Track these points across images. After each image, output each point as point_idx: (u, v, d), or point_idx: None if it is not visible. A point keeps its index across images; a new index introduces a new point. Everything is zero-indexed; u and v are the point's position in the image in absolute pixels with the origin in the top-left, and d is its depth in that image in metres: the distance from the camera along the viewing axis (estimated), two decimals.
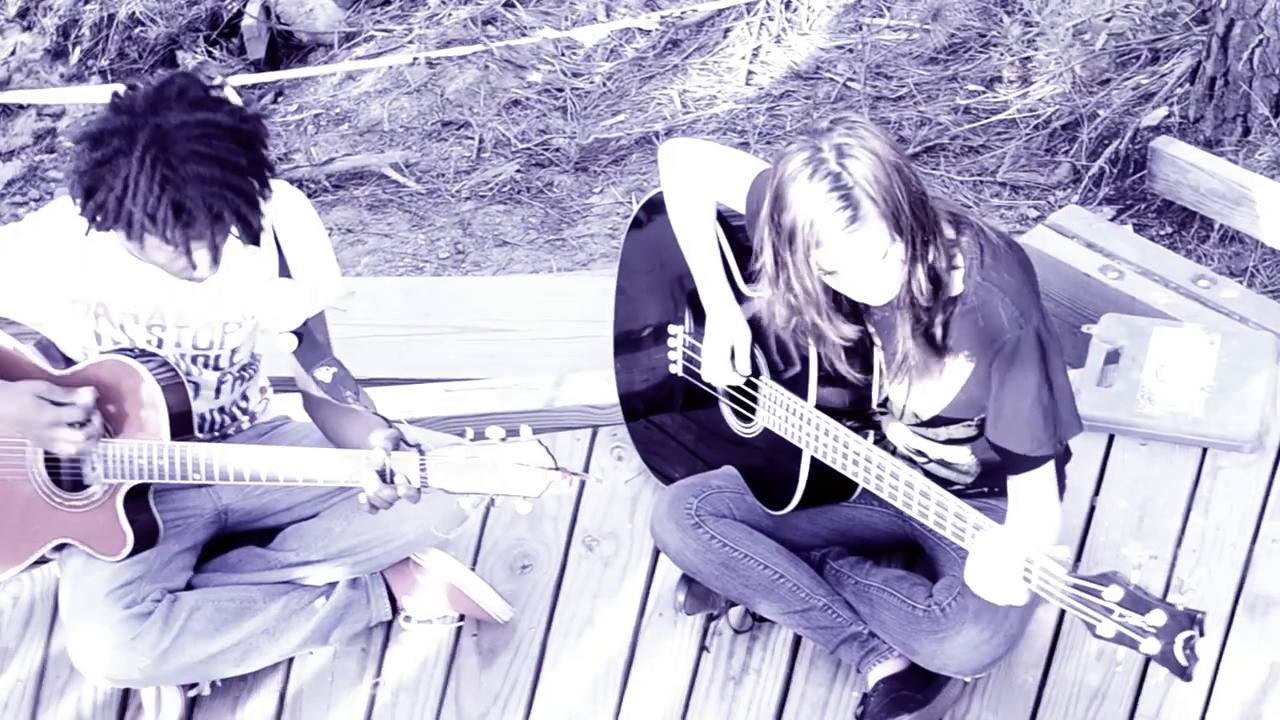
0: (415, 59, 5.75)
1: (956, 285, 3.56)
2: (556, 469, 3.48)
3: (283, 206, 3.69)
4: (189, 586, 3.90)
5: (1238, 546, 4.06)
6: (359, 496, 3.59)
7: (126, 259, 3.61)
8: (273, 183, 3.50)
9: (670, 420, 4.18)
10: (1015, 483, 3.64)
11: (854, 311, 3.64)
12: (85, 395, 3.68)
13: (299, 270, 3.72)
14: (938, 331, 3.58)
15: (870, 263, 3.45)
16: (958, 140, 6.03)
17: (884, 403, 3.75)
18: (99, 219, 3.43)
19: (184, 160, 3.35)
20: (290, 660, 4.03)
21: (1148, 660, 3.84)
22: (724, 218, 3.92)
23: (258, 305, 3.74)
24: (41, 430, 3.67)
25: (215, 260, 3.47)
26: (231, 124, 3.39)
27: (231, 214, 3.38)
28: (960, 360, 3.61)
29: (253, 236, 3.45)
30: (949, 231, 3.55)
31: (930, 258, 3.50)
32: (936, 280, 3.52)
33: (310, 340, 3.76)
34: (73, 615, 3.80)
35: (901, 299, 3.53)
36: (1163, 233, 5.52)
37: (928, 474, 3.70)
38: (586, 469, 4.31)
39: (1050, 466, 3.63)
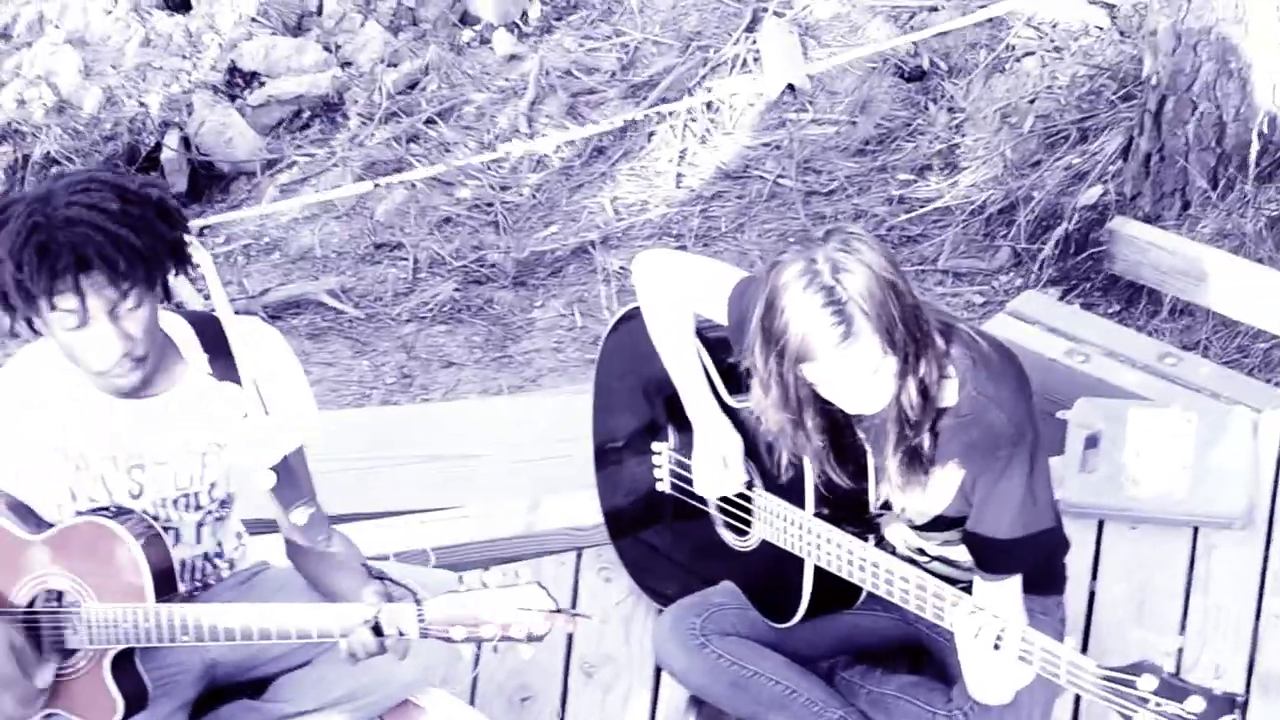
0: (377, 184, 5.67)
1: (948, 396, 3.53)
2: (558, 611, 3.40)
3: (255, 343, 3.62)
4: None
5: (1242, 624, 4.04)
6: (340, 644, 3.48)
7: (96, 402, 3.52)
8: (245, 319, 3.41)
9: (660, 538, 4.10)
10: (981, 588, 3.59)
11: (845, 419, 3.59)
12: (45, 677, 3.58)
13: (274, 406, 3.63)
14: (925, 443, 3.54)
15: (861, 377, 3.41)
16: (895, 231, 6.03)
17: (882, 506, 3.70)
18: None
19: (58, 208, 3.34)
20: None
21: None
22: (700, 330, 3.88)
23: (233, 440, 3.64)
24: None
25: (85, 309, 3.34)
26: (115, 180, 3.40)
27: (95, 252, 3.32)
28: (951, 468, 3.57)
29: (124, 285, 3.35)
30: (940, 342, 3.51)
31: (921, 371, 3.46)
32: (926, 393, 3.49)
33: (288, 478, 3.65)
34: None
35: (889, 410, 3.49)
36: (1111, 310, 5.53)
37: (930, 574, 3.65)
38: (575, 593, 4.22)
39: (1018, 579, 3.59)
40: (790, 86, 6.50)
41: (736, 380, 3.79)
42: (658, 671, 4.05)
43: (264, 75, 6.66)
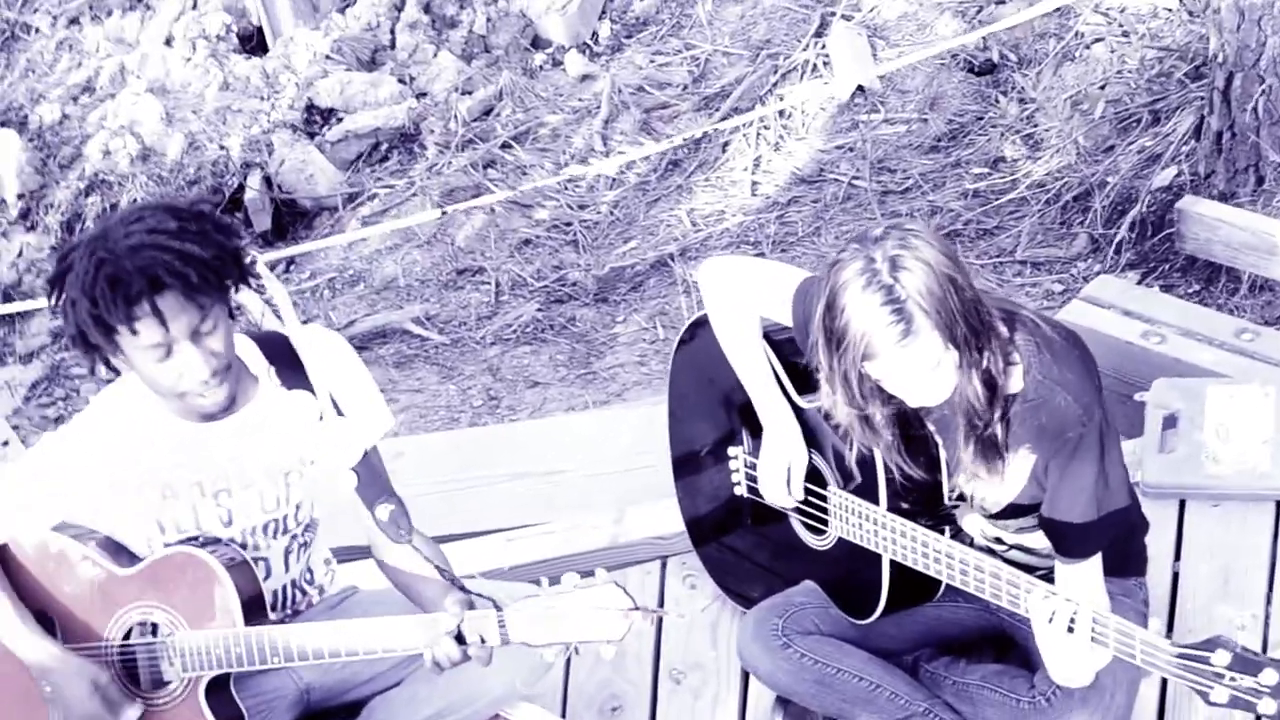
0: (444, 211, 5.75)
1: (1015, 382, 3.54)
2: (636, 609, 3.43)
3: (318, 347, 3.71)
4: None
5: None
6: (424, 655, 3.54)
7: (179, 431, 3.60)
8: (307, 327, 3.49)
9: (741, 541, 4.13)
10: (1062, 571, 3.60)
11: (913, 412, 3.61)
12: (130, 715, 3.69)
13: (346, 406, 3.71)
14: (997, 431, 3.55)
15: (923, 372, 3.44)
16: (971, 224, 6.03)
17: (957, 497, 3.72)
18: (72, 337, 3.49)
19: (119, 241, 3.42)
20: None
21: None
22: (768, 332, 3.91)
23: (313, 447, 3.71)
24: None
25: (167, 330, 3.42)
26: (164, 204, 3.49)
27: (165, 271, 3.40)
28: (1022, 454, 3.58)
29: (200, 300, 3.44)
30: (1003, 330, 3.52)
31: (985, 363, 3.47)
32: (992, 383, 3.50)
33: (369, 476, 3.72)
34: None
35: (956, 402, 3.51)
36: (1190, 290, 5.51)
37: (1008, 562, 3.66)
38: (661, 601, 4.26)
39: (1097, 560, 3.60)
40: (861, 88, 6.52)
41: (806, 380, 3.82)
42: (746, 675, 4.07)
43: (341, 111, 6.76)
